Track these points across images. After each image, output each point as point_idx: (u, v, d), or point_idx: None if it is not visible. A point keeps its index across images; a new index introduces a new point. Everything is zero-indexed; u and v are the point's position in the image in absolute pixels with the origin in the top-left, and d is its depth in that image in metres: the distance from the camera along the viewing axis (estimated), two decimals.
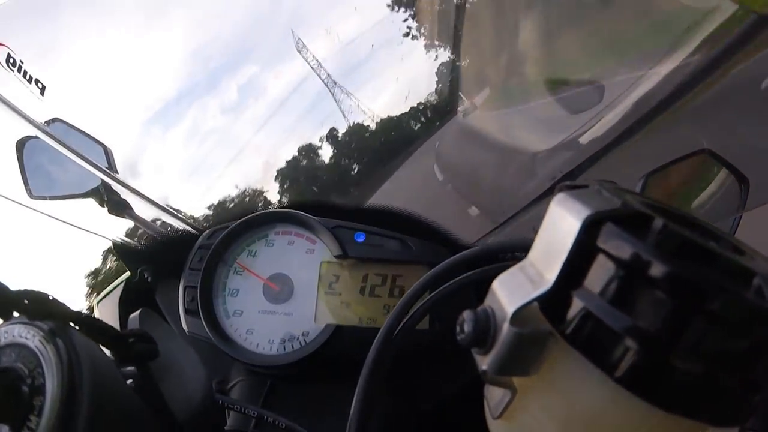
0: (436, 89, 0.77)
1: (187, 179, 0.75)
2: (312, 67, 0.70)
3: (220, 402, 0.37)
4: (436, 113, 0.76)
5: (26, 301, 0.20)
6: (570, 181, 0.22)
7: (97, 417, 0.19)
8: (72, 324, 0.21)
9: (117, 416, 0.20)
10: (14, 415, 0.18)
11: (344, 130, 0.74)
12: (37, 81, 0.58)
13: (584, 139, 0.60)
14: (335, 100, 0.73)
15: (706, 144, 0.52)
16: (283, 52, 0.73)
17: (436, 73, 0.77)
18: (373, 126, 0.74)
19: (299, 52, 0.69)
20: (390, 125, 0.75)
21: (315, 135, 0.74)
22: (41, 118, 0.56)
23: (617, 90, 0.60)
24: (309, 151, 0.74)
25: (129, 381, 0.24)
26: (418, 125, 0.76)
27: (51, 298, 0.21)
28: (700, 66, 0.42)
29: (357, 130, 0.74)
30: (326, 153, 0.74)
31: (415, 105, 0.74)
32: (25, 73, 0.58)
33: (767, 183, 0.54)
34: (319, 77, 0.71)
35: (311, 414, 0.54)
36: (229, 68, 0.76)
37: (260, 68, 0.77)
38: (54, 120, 0.58)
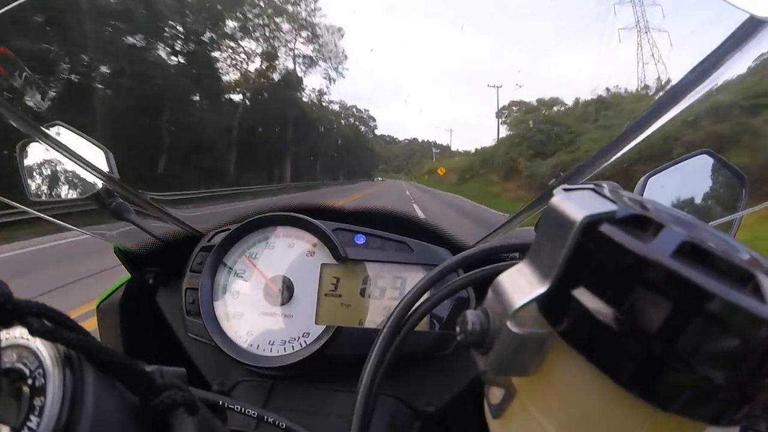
0: None
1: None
2: None
3: (221, 403, 0.37)
4: None
5: (30, 317, 0.19)
6: (568, 183, 0.22)
7: (99, 419, 0.19)
8: (82, 355, 0.20)
9: (120, 418, 0.20)
10: (14, 415, 0.18)
11: None
12: (38, 84, 0.59)
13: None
14: None
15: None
16: None
17: None
18: None
19: None
20: None
21: None
22: (42, 122, 0.56)
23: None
24: None
25: None
26: None
27: (61, 315, 0.20)
28: (698, 69, 0.42)
29: None
30: None
31: None
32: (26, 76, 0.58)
33: None
34: None
35: (312, 414, 0.54)
36: None
37: None
38: (54, 123, 0.58)
